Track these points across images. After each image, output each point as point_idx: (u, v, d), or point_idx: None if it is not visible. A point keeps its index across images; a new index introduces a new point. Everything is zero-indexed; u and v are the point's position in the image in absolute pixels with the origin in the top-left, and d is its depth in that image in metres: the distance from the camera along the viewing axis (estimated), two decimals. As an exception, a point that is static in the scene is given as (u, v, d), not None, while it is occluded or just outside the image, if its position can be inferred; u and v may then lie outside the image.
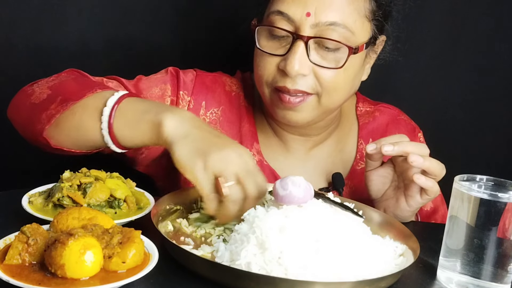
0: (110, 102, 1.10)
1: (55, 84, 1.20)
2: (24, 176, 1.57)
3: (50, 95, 1.17)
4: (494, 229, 0.94)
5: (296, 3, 1.20)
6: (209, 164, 0.99)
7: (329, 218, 0.97)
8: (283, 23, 1.21)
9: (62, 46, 1.63)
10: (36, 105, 1.17)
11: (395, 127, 1.46)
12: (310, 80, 1.22)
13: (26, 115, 1.19)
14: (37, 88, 1.21)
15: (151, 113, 1.07)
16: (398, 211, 1.22)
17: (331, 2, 1.19)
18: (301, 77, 1.21)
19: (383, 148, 1.15)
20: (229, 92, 1.41)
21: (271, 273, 0.90)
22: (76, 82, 1.21)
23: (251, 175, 1.01)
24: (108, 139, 1.10)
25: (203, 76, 1.40)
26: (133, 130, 1.09)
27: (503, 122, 1.83)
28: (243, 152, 1.03)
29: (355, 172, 1.42)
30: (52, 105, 1.14)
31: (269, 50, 1.23)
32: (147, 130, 1.07)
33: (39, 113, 1.15)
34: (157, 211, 1.06)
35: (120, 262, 0.85)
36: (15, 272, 0.82)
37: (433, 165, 1.14)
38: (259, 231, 0.94)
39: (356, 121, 1.47)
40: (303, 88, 1.22)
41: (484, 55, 1.78)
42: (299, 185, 0.99)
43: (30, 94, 1.20)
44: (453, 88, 1.81)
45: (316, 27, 1.19)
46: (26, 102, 1.20)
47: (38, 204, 1.07)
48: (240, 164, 1.00)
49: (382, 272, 0.96)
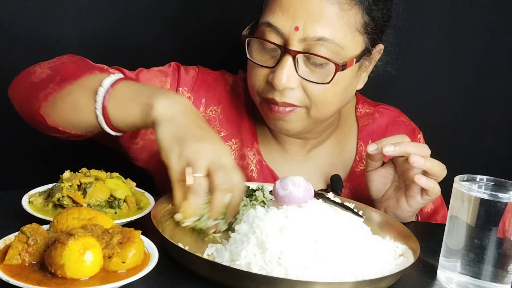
0: (105, 83, 1.11)
1: (56, 65, 1.22)
2: (24, 176, 1.57)
3: (49, 75, 1.19)
4: (494, 229, 0.94)
5: (285, 16, 1.18)
6: (184, 152, 0.99)
7: (329, 218, 0.97)
8: (272, 36, 1.20)
9: (62, 46, 1.63)
10: (35, 83, 1.19)
11: (395, 128, 1.46)
12: (298, 93, 1.21)
13: (25, 93, 1.20)
14: (38, 68, 1.23)
15: (145, 95, 1.09)
16: (399, 211, 1.22)
17: (320, 16, 1.17)
18: (289, 90, 1.21)
19: (384, 149, 1.14)
20: (230, 91, 1.41)
21: (271, 273, 0.90)
22: (76, 64, 1.23)
23: (223, 170, 1.00)
24: (102, 119, 1.11)
25: (205, 74, 1.40)
26: (125, 111, 1.10)
27: (503, 122, 1.83)
28: (221, 148, 1.03)
29: (354, 173, 1.41)
30: (51, 84, 1.16)
31: (259, 61, 1.23)
32: (138, 111, 1.08)
33: (38, 91, 1.17)
34: (157, 211, 1.06)
35: (120, 262, 0.85)
36: (15, 272, 0.82)
37: (434, 166, 1.14)
38: (259, 231, 0.94)
39: (356, 122, 1.46)
40: (291, 101, 1.21)
41: (484, 55, 1.78)
42: (299, 185, 0.99)
43: (31, 74, 1.22)
44: (453, 88, 1.81)
45: (305, 41, 1.18)
46: (26, 80, 1.22)
47: (38, 204, 1.07)
48: (213, 159, 1.00)
49: (382, 272, 0.96)
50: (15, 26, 1.60)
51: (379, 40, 1.28)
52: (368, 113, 1.47)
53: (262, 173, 1.37)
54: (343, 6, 1.19)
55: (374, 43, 1.27)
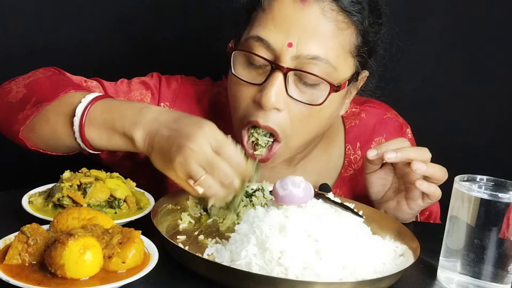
0: (78, 110, 1.08)
1: (30, 82, 1.19)
2: (24, 176, 1.57)
3: (25, 95, 1.16)
4: (494, 229, 0.94)
5: (278, 31, 1.13)
6: (177, 170, 0.99)
7: (329, 218, 0.97)
8: (262, 51, 1.14)
9: (62, 46, 1.63)
10: (12, 104, 1.17)
11: (382, 127, 1.41)
12: (283, 118, 1.15)
13: (4, 114, 1.19)
14: (14, 86, 1.20)
15: (121, 122, 1.06)
16: (399, 213, 1.22)
17: (315, 33, 1.12)
18: (274, 112, 1.14)
19: (385, 156, 1.13)
20: (215, 103, 1.36)
21: (271, 273, 0.90)
22: (51, 81, 1.19)
23: (214, 162, 0.99)
24: (84, 146, 1.11)
25: (187, 86, 1.36)
26: (106, 141, 1.08)
27: (503, 122, 1.83)
28: (207, 128, 1.00)
29: (344, 179, 1.39)
30: (27, 105, 1.14)
31: (245, 78, 1.16)
32: (122, 143, 1.07)
33: (16, 113, 1.15)
34: (157, 211, 1.06)
35: (120, 262, 0.85)
36: (15, 272, 0.81)
37: (436, 171, 1.13)
38: (259, 231, 0.94)
39: (342, 124, 1.41)
40: (274, 126, 1.15)
41: (484, 54, 1.78)
42: (299, 185, 0.99)
43: (8, 92, 1.20)
44: (453, 88, 1.81)
45: (297, 59, 1.12)
46: (3, 100, 1.19)
47: (38, 204, 1.06)
48: (200, 156, 0.98)
49: (382, 272, 0.96)
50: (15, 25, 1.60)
51: (365, 66, 1.24)
52: (354, 112, 1.42)
53: None
54: (340, 25, 1.14)
55: (362, 68, 1.23)
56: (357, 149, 1.40)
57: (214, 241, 1.04)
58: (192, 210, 1.14)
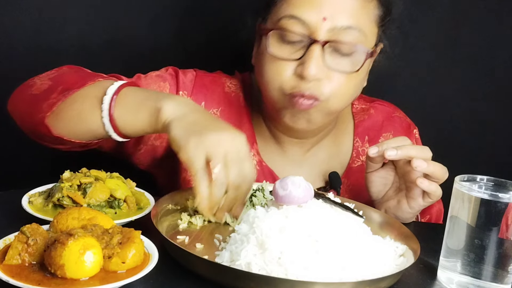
0: (110, 90, 1.11)
1: (56, 76, 1.21)
2: (24, 176, 1.57)
3: (51, 86, 1.17)
4: (494, 230, 0.94)
5: (311, 8, 1.19)
6: (202, 143, 0.99)
7: (329, 218, 0.97)
8: (297, 27, 1.20)
9: (62, 47, 1.63)
10: (36, 95, 1.18)
11: (390, 124, 1.47)
12: (323, 85, 1.21)
13: (26, 106, 1.19)
14: (38, 80, 1.22)
15: (151, 99, 1.08)
16: (400, 212, 1.22)
17: (345, 6, 1.20)
18: (316, 82, 1.20)
19: (386, 153, 1.14)
20: (229, 93, 1.41)
21: (271, 273, 0.90)
22: (77, 74, 1.22)
23: (238, 162, 1.00)
24: (109, 127, 1.10)
25: (202, 77, 1.40)
26: (133, 117, 1.09)
27: (503, 122, 1.82)
28: (238, 137, 1.02)
29: (351, 170, 1.42)
30: (53, 94, 1.15)
31: (282, 55, 1.22)
32: (147, 116, 1.07)
33: (40, 102, 1.15)
34: (157, 211, 1.06)
35: (120, 262, 0.85)
36: (15, 272, 0.81)
37: (436, 170, 1.13)
38: (259, 231, 0.94)
39: (352, 119, 1.47)
40: (317, 93, 1.21)
41: (484, 54, 1.78)
42: (298, 185, 0.99)
43: (31, 86, 1.21)
44: (453, 88, 1.81)
45: (332, 31, 1.19)
46: (26, 93, 1.20)
47: (38, 204, 1.06)
48: (231, 147, 1.00)
49: (383, 272, 0.96)
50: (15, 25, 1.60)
51: (382, 38, 1.30)
52: (364, 109, 1.48)
53: (262, 173, 1.37)
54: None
55: (381, 39, 1.29)
56: (365, 142, 1.44)
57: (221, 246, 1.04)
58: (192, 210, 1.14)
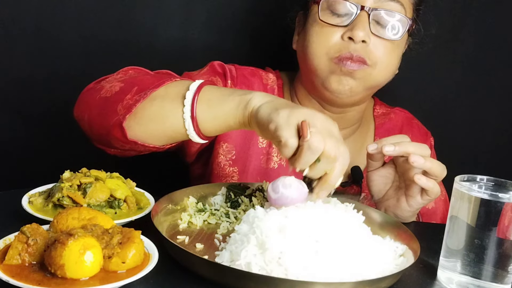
0: (193, 86, 1.10)
1: (126, 78, 1.20)
2: (24, 176, 1.57)
3: (123, 87, 1.15)
4: (494, 229, 0.94)
5: None
6: (294, 114, 0.99)
7: (329, 218, 0.97)
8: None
9: (63, 47, 1.63)
10: (108, 98, 1.15)
11: (409, 129, 1.53)
12: (370, 50, 1.30)
13: (98, 109, 1.16)
14: (105, 83, 1.20)
15: (237, 93, 1.09)
16: (399, 211, 1.22)
17: None
18: (363, 45, 1.29)
19: (384, 148, 1.15)
20: (266, 85, 1.48)
21: (271, 273, 0.90)
22: (150, 75, 1.23)
23: (333, 138, 0.99)
24: (190, 123, 1.08)
25: (242, 69, 1.46)
26: (217, 110, 1.08)
27: (503, 122, 1.83)
28: (329, 120, 1.03)
29: None
30: (127, 95, 1.12)
31: (331, 22, 1.31)
32: (233, 107, 1.07)
33: (114, 104, 1.13)
34: (157, 211, 1.06)
35: (120, 262, 0.85)
36: (15, 272, 0.81)
37: (434, 166, 1.14)
38: (259, 232, 0.94)
39: (373, 121, 1.54)
40: (364, 55, 1.29)
41: (484, 54, 1.78)
42: (289, 185, 0.99)
43: (99, 90, 1.19)
44: (453, 88, 1.81)
45: (377, 2, 1.29)
46: (95, 97, 1.18)
47: (38, 204, 1.06)
48: (325, 124, 1.00)
49: (383, 272, 0.96)
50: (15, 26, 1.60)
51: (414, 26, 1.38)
52: (385, 113, 1.55)
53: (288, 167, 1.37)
54: None
55: (414, 24, 1.38)
56: None
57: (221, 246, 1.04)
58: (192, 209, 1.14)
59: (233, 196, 1.17)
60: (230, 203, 1.16)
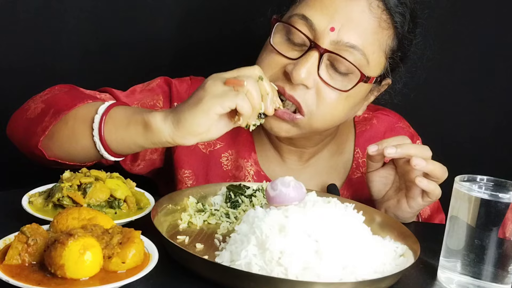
0: (100, 110, 1.13)
1: (48, 98, 1.23)
2: (24, 176, 1.57)
3: (43, 109, 1.19)
4: (494, 230, 0.94)
5: (323, 13, 1.17)
6: (208, 88, 1.05)
7: (329, 218, 0.97)
8: (304, 29, 1.18)
9: (62, 47, 1.63)
10: (31, 119, 1.20)
11: (393, 135, 1.41)
12: (309, 96, 1.18)
13: (23, 130, 1.22)
14: (32, 103, 1.24)
15: (138, 114, 1.10)
16: (399, 212, 1.22)
17: (358, 25, 1.17)
18: (302, 88, 1.18)
19: (385, 151, 1.14)
20: None
21: (271, 273, 0.90)
22: (68, 95, 1.23)
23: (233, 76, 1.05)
24: (100, 145, 1.12)
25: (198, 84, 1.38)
26: (123, 132, 1.10)
27: (503, 122, 1.82)
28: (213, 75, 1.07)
29: (351, 181, 1.40)
30: (46, 117, 1.17)
31: (281, 50, 1.20)
32: (137, 129, 1.09)
33: (35, 126, 1.18)
34: (157, 211, 1.06)
35: (120, 262, 0.84)
36: (15, 272, 0.81)
37: (435, 168, 1.13)
38: (259, 231, 0.94)
39: (353, 128, 1.44)
40: (299, 99, 1.18)
41: (484, 54, 1.78)
42: (288, 184, 0.99)
43: (26, 110, 1.23)
44: (453, 88, 1.81)
45: (336, 44, 1.16)
46: (22, 117, 1.23)
47: (38, 204, 1.06)
48: (226, 74, 1.06)
49: (383, 272, 0.96)
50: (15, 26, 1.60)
51: (391, 72, 1.27)
52: (366, 118, 1.44)
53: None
54: (382, 24, 1.19)
55: (388, 73, 1.26)
56: (365, 153, 1.40)
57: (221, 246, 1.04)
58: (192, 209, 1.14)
59: (233, 196, 1.17)
60: (230, 203, 1.16)
